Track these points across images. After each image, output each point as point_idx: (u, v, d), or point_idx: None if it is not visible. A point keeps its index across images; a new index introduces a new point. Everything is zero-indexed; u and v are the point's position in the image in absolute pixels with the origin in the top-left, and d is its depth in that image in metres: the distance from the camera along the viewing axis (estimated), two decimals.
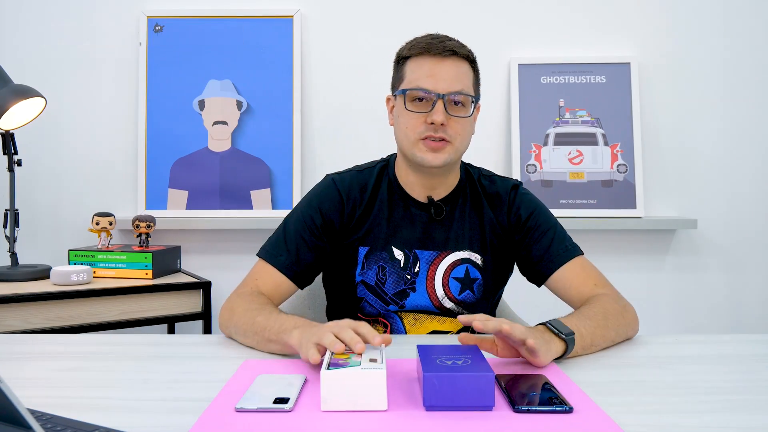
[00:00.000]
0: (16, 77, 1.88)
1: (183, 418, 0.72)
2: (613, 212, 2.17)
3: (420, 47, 1.14)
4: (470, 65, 1.17)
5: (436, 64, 1.12)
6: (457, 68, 1.13)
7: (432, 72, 1.12)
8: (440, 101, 1.11)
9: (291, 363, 0.94)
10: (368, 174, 1.25)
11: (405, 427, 0.70)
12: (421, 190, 1.21)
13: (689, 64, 2.24)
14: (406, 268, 1.19)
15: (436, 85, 1.11)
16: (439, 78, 1.12)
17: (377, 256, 1.20)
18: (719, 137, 2.25)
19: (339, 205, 1.21)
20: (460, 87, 1.12)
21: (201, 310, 1.81)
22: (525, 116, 2.22)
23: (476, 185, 1.25)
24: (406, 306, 1.20)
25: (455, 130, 1.13)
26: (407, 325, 1.21)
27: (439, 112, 1.10)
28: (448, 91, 1.11)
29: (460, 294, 1.20)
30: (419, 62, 1.14)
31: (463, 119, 1.14)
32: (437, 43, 1.13)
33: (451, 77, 1.12)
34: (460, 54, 1.13)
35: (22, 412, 0.52)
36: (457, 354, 0.81)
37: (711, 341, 1.10)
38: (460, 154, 1.18)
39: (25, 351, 1.03)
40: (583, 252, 1.21)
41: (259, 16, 2.22)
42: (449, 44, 1.13)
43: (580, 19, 2.25)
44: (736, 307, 2.26)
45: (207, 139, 2.21)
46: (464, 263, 1.21)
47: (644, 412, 0.75)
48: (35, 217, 2.19)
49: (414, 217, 1.21)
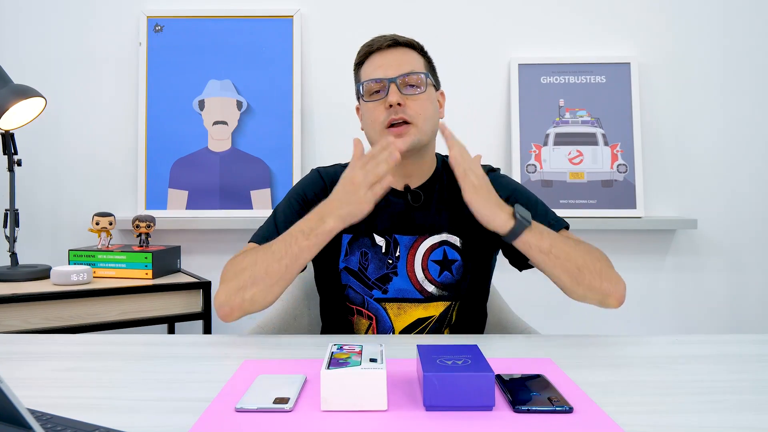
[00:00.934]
0: (16, 77, 1.88)
1: (183, 418, 0.72)
2: (613, 212, 2.17)
3: (365, 49, 1.23)
4: (418, 53, 1.24)
5: (382, 55, 1.21)
6: (403, 54, 1.21)
7: (380, 63, 1.20)
8: (392, 84, 1.17)
9: (291, 363, 0.94)
10: None
11: (405, 427, 0.70)
12: (398, 179, 1.24)
13: (689, 64, 2.24)
14: (388, 253, 1.23)
15: (385, 72, 1.18)
16: (387, 66, 1.19)
17: (360, 242, 1.24)
18: (719, 137, 2.25)
19: (323, 191, 1.25)
20: (409, 69, 1.19)
21: (201, 310, 1.81)
22: (525, 116, 2.22)
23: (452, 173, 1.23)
24: (390, 291, 1.22)
25: (414, 110, 1.17)
26: (392, 315, 1.22)
27: (393, 93, 1.16)
28: (399, 74, 1.18)
29: (440, 276, 1.23)
30: (368, 61, 1.23)
31: (420, 98, 1.18)
32: (379, 39, 1.21)
33: (398, 62, 1.19)
34: (402, 42, 1.21)
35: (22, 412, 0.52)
36: (457, 354, 0.81)
37: (711, 341, 1.10)
38: (427, 134, 1.21)
39: (25, 351, 1.03)
40: (568, 225, 1.24)
41: (259, 16, 2.22)
42: (391, 36, 1.21)
43: (580, 19, 2.25)
44: (736, 307, 2.26)
45: (207, 139, 2.21)
46: (442, 245, 1.23)
47: (644, 412, 0.75)
48: (35, 217, 2.19)
49: (393, 204, 1.25)
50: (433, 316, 1.23)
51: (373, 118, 1.20)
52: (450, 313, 1.24)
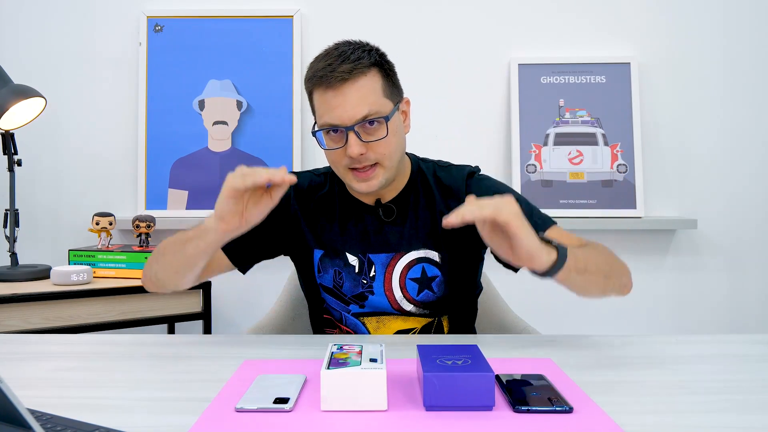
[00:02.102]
0: (16, 77, 1.88)
1: (183, 418, 0.72)
2: (613, 212, 2.17)
3: (315, 80, 1.09)
4: (377, 72, 1.10)
5: (334, 95, 1.07)
6: (358, 91, 1.06)
7: (332, 105, 1.07)
8: (351, 133, 1.06)
9: (291, 363, 0.94)
10: (323, 178, 1.25)
11: (405, 427, 0.70)
12: (368, 195, 1.18)
13: (689, 64, 2.24)
14: (361, 273, 1.17)
15: (341, 118, 1.06)
16: (341, 110, 1.06)
17: (332, 261, 1.19)
18: (719, 137, 2.25)
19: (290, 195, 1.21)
20: (365, 112, 1.06)
21: (201, 310, 1.81)
22: (525, 116, 2.22)
23: (428, 180, 1.20)
24: (366, 306, 1.19)
25: (378, 152, 1.09)
26: (371, 330, 1.20)
27: (353, 145, 1.06)
28: (355, 120, 1.06)
29: (419, 294, 1.17)
30: (320, 96, 1.09)
31: (383, 141, 1.08)
32: (328, 73, 1.06)
33: (353, 105, 1.06)
34: (355, 74, 1.06)
35: (22, 412, 0.52)
36: (457, 354, 0.81)
37: (711, 341, 1.10)
38: (395, 168, 1.13)
39: (25, 351, 1.03)
40: (555, 222, 1.16)
41: (259, 16, 2.22)
42: (342, 69, 1.06)
43: (580, 19, 2.25)
44: (736, 307, 2.26)
45: (207, 139, 2.21)
46: (420, 263, 1.17)
47: (644, 412, 0.75)
48: (35, 217, 2.19)
49: (365, 221, 1.19)
50: (415, 328, 1.19)
51: (335, 161, 1.12)
52: (434, 326, 1.20)
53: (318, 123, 1.13)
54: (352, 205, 1.21)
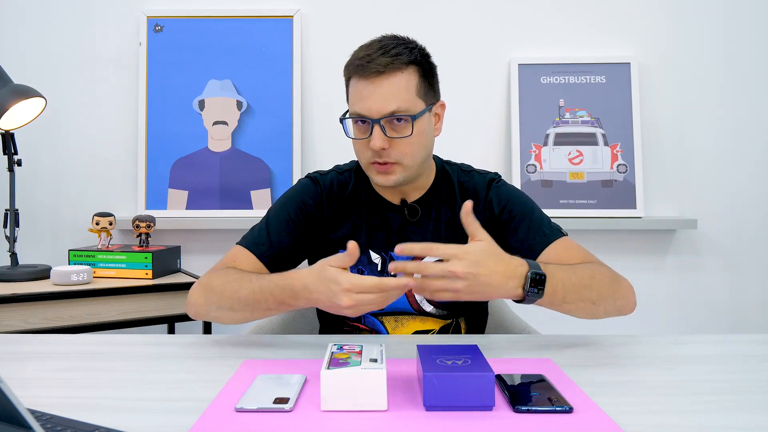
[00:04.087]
0: (16, 77, 1.88)
1: (183, 418, 0.72)
2: (613, 212, 2.17)
3: (353, 67, 1.11)
4: (415, 70, 1.11)
5: (366, 86, 1.09)
6: (391, 86, 1.08)
7: (363, 95, 1.09)
8: (377, 126, 1.08)
9: (291, 363, 0.94)
10: (348, 176, 1.25)
11: (405, 427, 0.70)
12: (393, 194, 1.21)
13: (689, 64, 2.24)
14: (384, 272, 1.18)
15: (369, 110, 1.08)
16: (371, 101, 1.08)
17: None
18: (719, 137, 2.25)
19: (319, 199, 1.22)
20: (395, 107, 1.07)
21: None
22: (525, 116, 2.22)
23: (452, 183, 1.22)
24: (386, 308, 1.18)
25: (400, 151, 1.10)
26: (390, 329, 1.20)
27: (376, 138, 1.08)
28: (382, 114, 1.08)
29: None
30: (354, 84, 1.12)
31: (406, 140, 1.09)
32: (366, 63, 1.08)
33: (383, 99, 1.07)
34: (392, 69, 1.08)
35: (22, 412, 0.52)
36: (457, 354, 0.81)
37: (711, 341, 1.10)
38: (415, 169, 1.14)
39: (25, 351, 1.03)
40: (566, 233, 1.17)
41: (259, 16, 2.22)
42: (380, 62, 1.07)
43: (580, 19, 2.25)
44: (736, 307, 2.26)
45: (207, 139, 2.21)
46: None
47: (644, 412, 0.75)
48: (35, 217, 2.19)
49: (390, 220, 1.20)
50: (433, 330, 1.20)
51: (359, 152, 1.15)
52: (452, 329, 1.21)
53: (349, 111, 1.14)
54: (377, 204, 1.22)
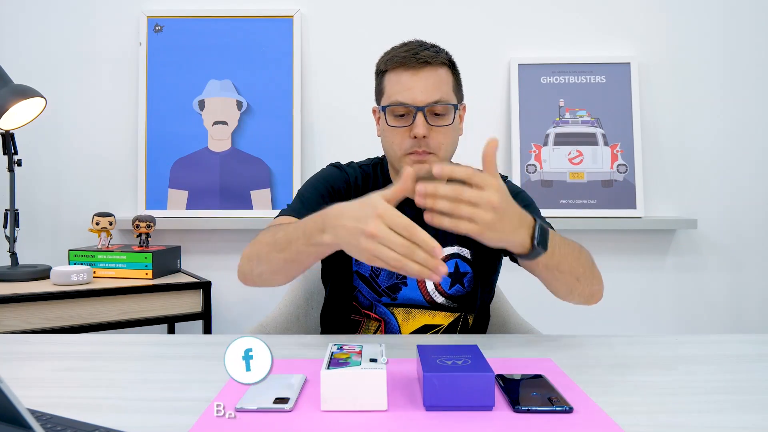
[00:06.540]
0: (16, 77, 1.88)
1: (183, 418, 0.72)
2: (613, 212, 2.16)
3: (395, 61, 1.14)
4: (449, 69, 1.17)
5: (411, 76, 1.13)
6: (434, 77, 1.13)
7: (408, 85, 1.12)
8: (420, 114, 1.11)
9: (291, 363, 0.94)
10: (368, 169, 1.29)
11: (405, 427, 0.70)
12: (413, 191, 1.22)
13: (689, 64, 2.24)
14: None
15: (414, 98, 1.11)
16: (416, 90, 1.12)
17: None
18: (719, 137, 2.25)
19: (347, 185, 1.24)
20: (438, 96, 1.12)
21: (201, 310, 1.81)
22: (525, 116, 2.22)
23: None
24: (398, 299, 1.22)
25: (437, 141, 1.13)
26: (400, 320, 1.23)
27: (420, 125, 1.11)
28: (427, 103, 1.11)
29: (450, 288, 1.23)
30: (396, 76, 1.15)
31: (445, 128, 1.13)
32: (411, 55, 1.13)
33: (428, 88, 1.12)
34: (435, 62, 1.13)
35: (22, 412, 0.52)
36: (457, 354, 0.81)
37: (711, 341, 1.10)
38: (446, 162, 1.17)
39: (25, 351, 1.03)
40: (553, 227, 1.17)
41: (259, 16, 2.22)
42: (423, 54, 1.13)
43: (580, 19, 2.25)
44: (736, 307, 2.26)
45: (207, 139, 2.21)
46: (453, 258, 1.23)
47: (644, 412, 0.75)
48: (35, 217, 2.19)
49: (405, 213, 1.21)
50: (441, 326, 1.23)
51: (395, 142, 1.15)
52: (460, 324, 1.24)
53: (386, 102, 1.16)
54: None
